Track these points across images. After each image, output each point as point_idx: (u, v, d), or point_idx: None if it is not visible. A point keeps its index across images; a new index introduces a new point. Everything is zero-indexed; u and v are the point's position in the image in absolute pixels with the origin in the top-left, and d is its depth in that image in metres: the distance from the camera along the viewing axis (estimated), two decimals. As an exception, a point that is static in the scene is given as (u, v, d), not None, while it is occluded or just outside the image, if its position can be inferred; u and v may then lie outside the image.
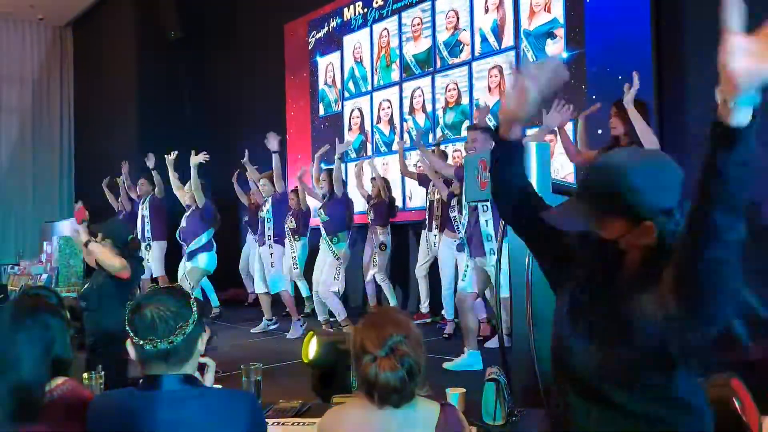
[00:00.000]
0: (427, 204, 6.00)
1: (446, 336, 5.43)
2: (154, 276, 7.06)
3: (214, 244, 6.04)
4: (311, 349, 3.18)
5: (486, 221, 3.99)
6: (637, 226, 1.31)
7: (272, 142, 5.91)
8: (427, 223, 5.99)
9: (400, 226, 6.71)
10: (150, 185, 7.44)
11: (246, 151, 6.53)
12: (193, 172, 5.95)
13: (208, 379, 1.83)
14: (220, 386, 2.11)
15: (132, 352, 1.57)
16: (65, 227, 8.67)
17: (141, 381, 1.60)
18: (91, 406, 1.63)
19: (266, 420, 1.81)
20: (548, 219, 1.41)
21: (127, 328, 1.55)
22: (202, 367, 1.76)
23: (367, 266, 6.32)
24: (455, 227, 4.83)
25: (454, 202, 5.00)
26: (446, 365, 4.12)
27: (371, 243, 6.30)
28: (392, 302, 6.25)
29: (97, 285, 3.58)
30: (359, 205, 6.61)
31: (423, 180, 6.04)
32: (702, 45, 4.62)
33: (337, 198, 5.81)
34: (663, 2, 4.88)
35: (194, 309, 1.58)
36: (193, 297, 1.63)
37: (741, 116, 1.03)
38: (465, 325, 4.22)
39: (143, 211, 7.28)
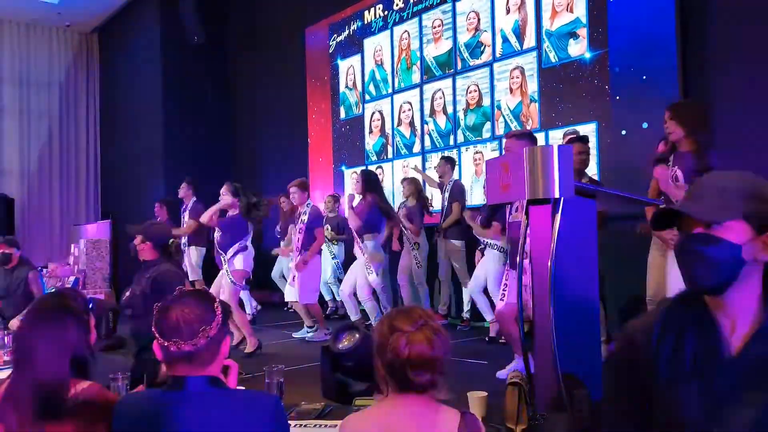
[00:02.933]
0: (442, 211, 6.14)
1: (488, 339, 5.39)
2: (190, 280, 7.08)
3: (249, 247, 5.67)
4: (346, 337, 3.20)
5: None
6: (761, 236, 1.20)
7: None
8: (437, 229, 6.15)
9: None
10: (190, 189, 7.45)
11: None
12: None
13: (231, 381, 1.84)
14: (243, 388, 2.13)
15: (158, 353, 1.60)
16: (92, 230, 8.81)
17: (166, 382, 1.62)
18: (117, 407, 1.66)
19: (289, 422, 1.83)
20: (687, 210, 1.24)
21: (153, 329, 1.57)
22: (225, 369, 1.78)
23: (403, 268, 6.31)
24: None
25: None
26: (499, 373, 4.00)
27: (407, 245, 6.30)
28: (425, 304, 6.26)
29: (141, 290, 3.58)
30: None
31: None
32: (728, 45, 4.56)
33: (366, 201, 5.78)
34: (688, 1, 4.81)
35: (218, 313, 1.60)
36: (218, 301, 1.65)
37: None
38: (510, 336, 4.13)
39: (185, 216, 7.35)
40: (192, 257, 7.19)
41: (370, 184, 5.79)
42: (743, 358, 1.20)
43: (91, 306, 2.04)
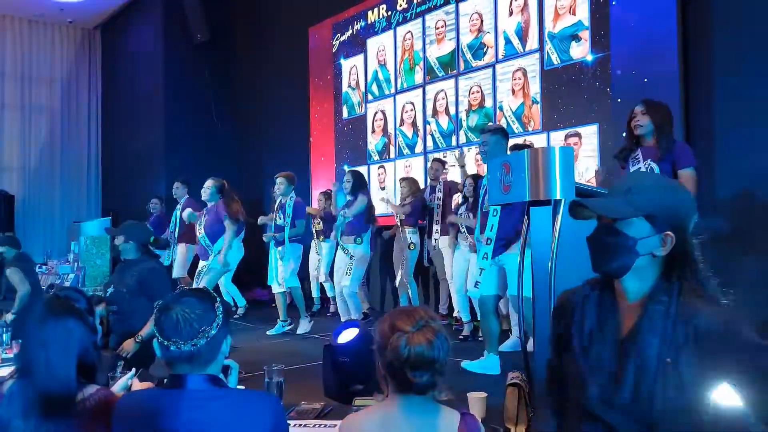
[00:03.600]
0: (428, 211, 6.13)
1: (462, 338, 5.44)
2: (174, 277, 7.07)
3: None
4: (345, 333, 3.22)
5: (492, 225, 3.98)
6: (659, 234, 1.39)
7: None
8: (427, 229, 6.12)
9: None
10: (185, 187, 7.44)
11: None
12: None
13: (231, 381, 1.85)
14: (243, 387, 2.13)
15: (158, 351, 1.60)
16: (92, 227, 8.81)
17: (166, 380, 1.62)
18: (116, 406, 1.65)
19: (288, 421, 1.83)
20: (590, 205, 1.45)
21: (153, 327, 1.57)
22: (225, 369, 1.78)
23: (396, 267, 6.31)
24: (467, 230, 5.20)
25: (462, 209, 5.38)
26: (464, 364, 4.10)
27: (399, 243, 6.30)
28: (415, 303, 6.25)
29: (127, 288, 3.61)
30: (381, 206, 6.64)
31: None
32: (729, 48, 4.56)
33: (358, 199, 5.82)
34: (690, 5, 4.81)
35: (219, 313, 1.60)
36: (219, 300, 1.65)
37: None
38: (486, 329, 4.18)
39: (176, 212, 7.34)
40: (181, 254, 7.17)
41: (361, 184, 5.87)
42: (627, 340, 1.40)
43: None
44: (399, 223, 6.27)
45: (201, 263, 5.88)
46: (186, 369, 1.57)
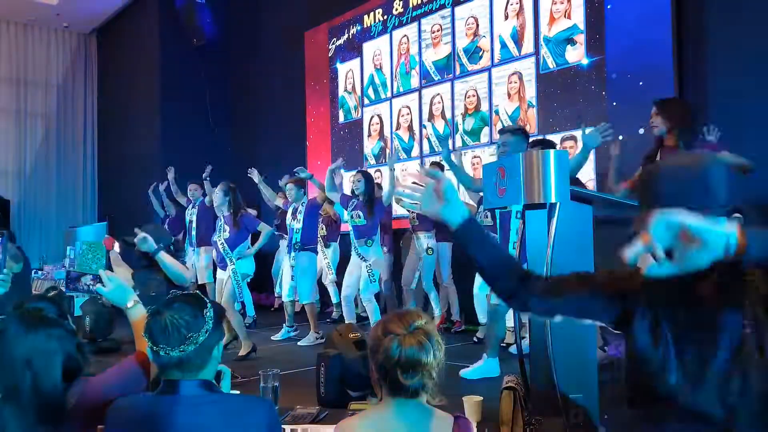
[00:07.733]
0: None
1: (476, 339, 5.41)
2: (199, 282, 7.00)
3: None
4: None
5: (516, 230, 3.96)
6: None
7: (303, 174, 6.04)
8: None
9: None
10: (200, 190, 7.36)
11: (256, 171, 6.58)
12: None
13: (224, 386, 1.84)
14: (237, 392, 2.12)
15: (150, 357, 1.59)
16: (88, 233, 8.79)
17: (160, 386, 1.61)
18: (110, 411, 1.64)
19: (283, 426, 1.82)
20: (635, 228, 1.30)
21: (144, 333, 1.57)
22: (217, 374, 1.77)
23: (410, 272, 6.25)
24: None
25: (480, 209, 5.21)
26: (462, 373, 4.09)
27: (414, 248, 6.24)
28: (436, 309, 6.15)
29: (156, 293, 3.53)
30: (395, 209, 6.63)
31: None
32: (723, 50, 4.57)
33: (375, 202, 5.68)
34: (684, 8, 4.83)
35: (209, 318, 1.60)
36: (210, 305, 1.64)
37: None
38: (491, 332, 4.17)
39: (191, 216, 7.21)
40: (203, 259, 7.09)
41: (373, 185, 5.73)
42: None
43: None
44: (412, 228, 6.20)
45: (219, 272, 5.65)
46: (177, 375, 1.56)
